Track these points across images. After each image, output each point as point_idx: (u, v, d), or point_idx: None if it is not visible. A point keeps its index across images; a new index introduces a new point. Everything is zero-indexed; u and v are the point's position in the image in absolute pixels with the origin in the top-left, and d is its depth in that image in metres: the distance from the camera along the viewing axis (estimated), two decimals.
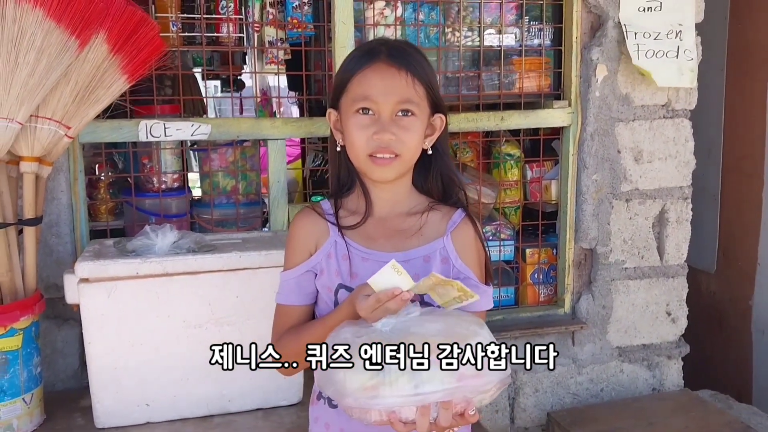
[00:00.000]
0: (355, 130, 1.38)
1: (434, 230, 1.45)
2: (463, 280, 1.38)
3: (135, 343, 1.85)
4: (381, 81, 1.37)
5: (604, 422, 2.43)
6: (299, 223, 1.49)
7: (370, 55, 1.40)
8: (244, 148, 2.62)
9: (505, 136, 2.76)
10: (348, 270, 1.41)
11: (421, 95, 1.39)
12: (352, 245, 1.43)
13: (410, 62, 1.39)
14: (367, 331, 1.20)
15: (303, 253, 1.46)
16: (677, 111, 2.65)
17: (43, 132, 1.88)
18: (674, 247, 2.70)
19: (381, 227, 1.45)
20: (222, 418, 1.93)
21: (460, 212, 1.48)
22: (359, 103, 1.38)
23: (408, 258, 1.40)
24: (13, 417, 1.84)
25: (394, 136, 1.36)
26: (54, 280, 2.17)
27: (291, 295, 1.47)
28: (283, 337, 1.45)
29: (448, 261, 1.43)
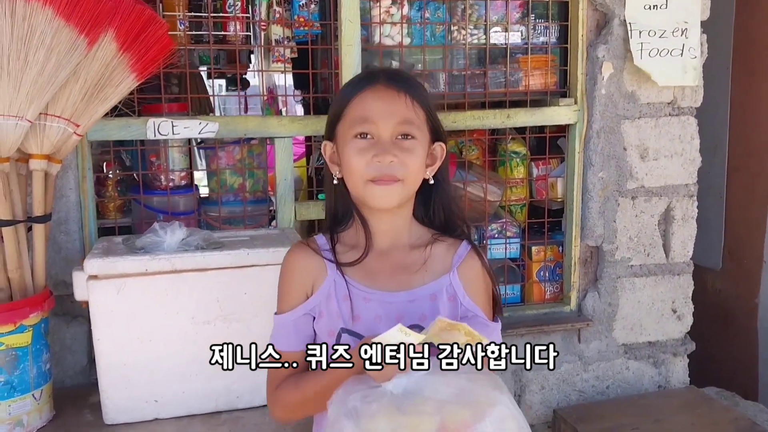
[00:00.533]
0: (353, 155, 1.31)
1: (440, 265, 1.38)
2: (471, 318, 1.34)
3: (144, 340, 1.86)
4: (380, 102, 1.32)
5: (610, 419, 2.44)
6: (293, 260, 1.41)
7: (368, 80, 1.36)
8: (251, 146, 2.63)
9: (511, 133, 2.76)
10: (349, 312, 1.33)
11: (421, 119, 1.34)
12: (352, 284, 1.35)
13: (410, 85, 1.36)
14: (377, 395, 1.12)
15: (299, 294, 1.38)
16: (683, 108, 2.65)
17: (53, 130, 1.89)
18: (680, 245, 2.71)
19: (383, 262, 1.38)
20: (229, 414, 1.94)
21: (466, 245, 1.41)
22: (357, 126, 1.32)
23: (414, 297, 1.34)
24: (22, 413, 1.85)
25: (396, 158, 1.29)
26: (63, 277, 2.19)
27: (287, 340, 1.38)
28: (282, 386, 1.37)
29: (455, 299, 1.36)
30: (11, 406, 1.83)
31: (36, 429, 1.88)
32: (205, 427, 1.88)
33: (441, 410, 1.07)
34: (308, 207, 2.46)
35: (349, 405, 1.11)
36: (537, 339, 2.62)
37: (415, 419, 1.06)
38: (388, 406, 1.08)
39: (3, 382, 1.81)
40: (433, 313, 1.32)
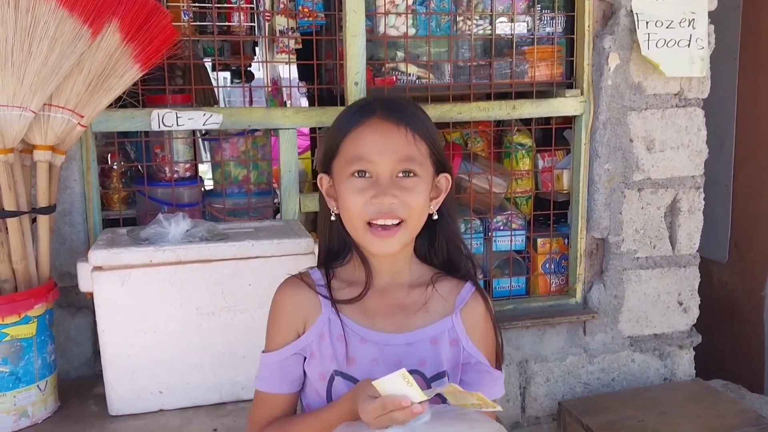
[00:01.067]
0: (349, 194, 1.22)
1: (441, 306, 1.29)
2: (474, 365, 1.28)
3: (148, 331, 1.86)
4: (378, 139, 1.21)
5: (615, 411, 2.43)
6: (284, 295, 1.32)
7: (363, 112, 1.25)
8: (256, 138, 2.62)
9: (517, 125, 2.75)
10: (344, 354, 1.24)
11: (423, 153, 1.24)
12: (348, 324, 1.25)
13: (409, 117, 1.24)
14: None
15: (289, 333, 1.28)
16: (690, 100, 2.63)
17: (57, 120, 1.89)
18: (686, 237, 2.69)
19: (380, 301, 1.29)
20: (235, 405, 1.94)
21: (470, 286, 1.32)
22: (354, 165, 1.21)
23: (413, 340, 1.26)
24: (27, 404, 1.85)
25: (396, 199, 1.20)
26: (67, 268, 2.19)
27: (274, 382, 1.29)
28: (266, 430, 1.29)
29: (457, 343, 1.27)
30: (16, 397, 1.83)
31: (41, 420, 1.88)
32: (210, 418, 1.88)
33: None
34: (313, 199, 2.46)
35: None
36: (542, 331, 2.62)
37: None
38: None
39: (8, 373, 1.81)
40: (434, 357, 1.25)
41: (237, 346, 1.92)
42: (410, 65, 2.50)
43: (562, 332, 2.65)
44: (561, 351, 2.65)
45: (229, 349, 1.92)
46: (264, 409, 1.31)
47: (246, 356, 1.94)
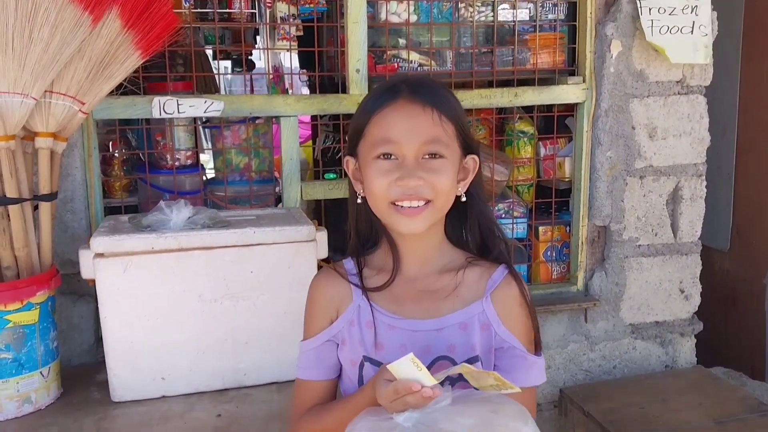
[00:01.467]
0: (375, 176, 1.21)
1: (472, 291, 1.26)
2: (507, 350, 1.25)
3: (151, 318, 1.87)
4: (403, 120, 1.20)
5: (616, 398, 2.44)
6: (318, 285, 1.33)
7: (390, 94, 1.23)
8: (257, 126, 2.62)
9: (519, 113, 2.75)
10: (372, 340, 1.25)
11: (450, 135, 1.22)
12: (377, 310, 1.26)
13: (436, 98, 1.22)
14: (388, 426, 1.04)
15: (323, 320, 1.30)
16: (692, 87, 2.63)
17: (58, 107, 1.89)
18: (688, 225, 2.69)
19: (410, 288, 1.28)
20: (237, 391, 1.95)
21: (502, 269, 1.28)
22: (379, 147, 1.20)
23: (442, 325, 1.24)
24: (30, 390, 1.86)
25: (422, 181, 1.19)
26: (69, 256, 2.19)
27: (311, 369, 1.31)
28: (304, 418, 1.30)
29: (489, 327, 1.24)
30: (19, 383, 1.84)
31: (44, 406, 1.89)
32: (213, 404, 1.88)
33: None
34: (314, 187, 2.46)
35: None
36: (543, 319, 2.62)
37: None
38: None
39: (11, 360, 1.82)
40: (465, 343, 1.23)
41: (239, 332, 1.93)
42: (412, 52, 2.49)
43: (563, 320, 2.65)
44: (562, 338, 2.66)
45: (231, 336, 1.92)
46: (304, 396, 1.33)
47: (248, 343, 1.94)
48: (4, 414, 1.82)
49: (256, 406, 1.87)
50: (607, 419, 2.28)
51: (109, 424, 1.80)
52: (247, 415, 1.83)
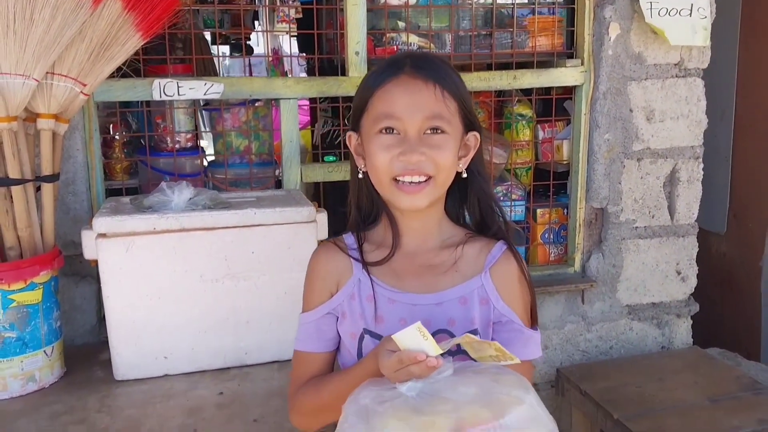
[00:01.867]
0: (378, 151, 1.21)
1: (471, 266, 1.28)
2: (505, 323, 1.26)
3: (153, 297, 1.89)
4: (406, 95, 1.21)
5: (613, 378, 2.47)
6: (319, 258, 1.34)
7: (393, 69, 1.24)
8: (257, 108, 2.63)
9: (517, 96, 2.76)
10: (373, 313, 1.26)
11: (452, 110, 1.23)
12: (378, 284, 1.27)
13: (439, 74, 1.23)
14: (391, 395, 1.05)
15: (323, 293, 1.31)
16: (690, 70, 2.64)
17: (59, 89, 1.90)
18: (685, 207, 2.71)
19: (410, 263, 1.29)
20: (239, 370, 1.97)
21: (501, 245, 1.30)
22: (382, 122, 1.21)
23: (442, 300, 1.26)
24: (35, 369, 1.88)
25: (424, 156, 1.19)
26: (71, 237, 2.21)
27: (310, 342, 1.32)
28: (302, 390, 1.31)
29: (488, 302, 1.26)
30: (23, 362, 1.86)
31: (48, 385, 1.91)
32: (215, 382, 1.91)
33: (458, 410, 0.99)
34: (314, 169, 2.47)
35: (360, 403, 1.06)
36: (541, 300, 2.64)
37: (428, 419, 0.99)
38: (401, 407, 1.02)
39: (15, 339, 1.84)
40: (464, 317, 1.25)
41: (241, 312, 1.95)
42: (411, 35, 2.50)
43: (560, 301, 2.67)
44: (559, 319, 2.68)
45: (233, 315, 1.95)
46: (302, 367, 1.34)
47: (250, 322, 1.97)
48: (8, 392, 1.84)
49: (257, 384, 1.90)
50: (604, 398, 2.31)
51: (113, 401, 1.83)
52: (249, 392, 1.85)
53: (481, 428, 0.97)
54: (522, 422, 0.99)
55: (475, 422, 0.97)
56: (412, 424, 0.99)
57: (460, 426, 0.97)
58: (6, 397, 1.84)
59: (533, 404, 1.02)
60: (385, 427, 0.99)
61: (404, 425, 0.99)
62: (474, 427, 0.97)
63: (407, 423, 0.99)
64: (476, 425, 0.97)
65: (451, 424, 0.98)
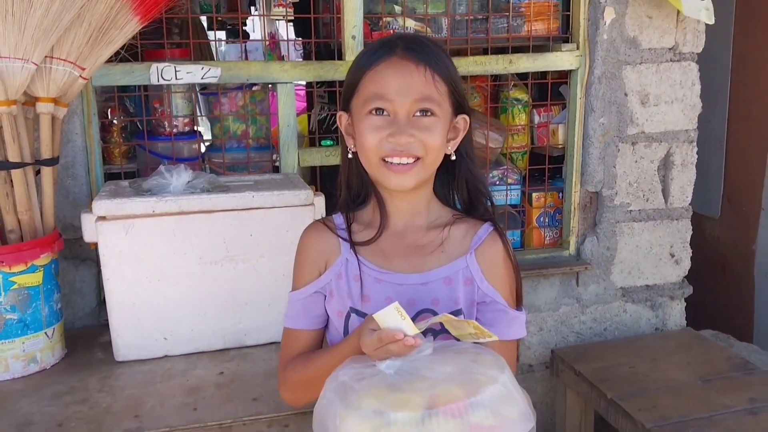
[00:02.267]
0: (367, 132, 1.23)
1: (457, 247, 1.30)
2: (489, 304, 1.29)
3: (153, 279, 1.91)
4: (397, 77, 1.22)
5: (607, 359, 2.50)
6: (307, 238, 1.37)
7: (385, 50, 1.25)
8: (254, 93, 2.64)
9: (513, 80, 2.77)
10: (359, 292, 1.29)
11: (442, 93, 1.24)
12: (365, 264, 1.30)
13: (430, 57, 1.24)
14: (370, 373, 1.07)
15: (311, 273, 1.34)
16: (684, 54, 2.65)
17: (58, 73, 1.91)
18: (679, 190, 2.74)
19: (397, 243, 1.31)
20: (238, 351, 2.00)
21: (487, 226, 1.32)
22: (372, 102, 1.23)
23: (427, 280, 1.28)
24: (36, 350, 1.91)
25: (413, 138, 1.21)
26: (71, 221, 2.22)
27: (298, 319, 1.35)
28: (290, 366, 1.34)
29: (472, 282, 1.28)
30: (25, 343, 1.88)
31: (49, 366, 1.94)
32: (214, 363, 1.93)
33: (433, 388, 1.02)
34: (311, 153, 2.49)
35: (338, 380, 1.08)
36: (536, 282, 2.67)
37: (403, 396, 1.01)
38: (377, 384, 1.04)
39: (16, 320, 1.86)
40: (448, 297, 1.27)
41: (239, 294, 1.97)
42: (407, 19, 2.51)
43: (555, 283, 2.70)
44: (554, 301, 2.71)
45: (232, 297, 1.97)
46: (290, 344, 1.37)
47: (248, 304, 1.99)
48: (10, 373, 1.87)
49: (256, 364, 1.92)
50: (598, 378, 2.34)
51: (114, 381, 1.85)
52: (248, 372, 1.88)
53: (453, 406, 1.00)
54: (494, 401, 1.02)
55: (448, 400, 1.00)
56: (387, 401, 1.01)
57: (433, 403, 1.00)
58: (8, 377, 1.86)
59: (506, 383, 1.05)
60: (361, 403, 1.02)
61: (379, 402, 1.01)
62: (447, 404, 0.99)
63: (382, 400, 1.02)
64: (449, 403, 1.00)
65: (425, 402, 1.00)
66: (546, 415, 2.80)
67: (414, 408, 0.99)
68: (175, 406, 1.72)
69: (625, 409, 2.16)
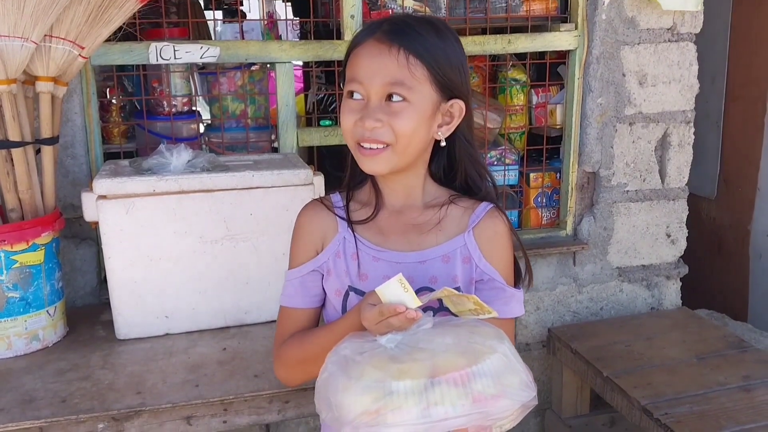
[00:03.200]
0: (343, 114, 1.24)
1: (455, 225, 1.29)
2: (487, 281, 1.29)
3: (154, 258, 1.92)
4: (368, 60, 1.20)
5: (603, 337, 2.53)
6: (305, 216, 1.36)
7: (367, 32, 1.24)
8: (252, 72, 2.64)
9: (512, 60, 2.77)
10: (357, 271, 1.28)
11: (419, 77, 1.19)
12: (362, 242, 1.29)
13: (410, 38, 1.19)
14: (371, 347, 1.08)
15: (308, 251, 1.33)
16: (682, 35, 2.66)
17: (58, 52, 1.91)
18: (675, 170, 2.75)
19: (395, 222, 1.31)
20: (238, 329, 2.02)
21: (486, 205, 1.31)
22: (349, 85, 1.23)
23: (425, 258, 1.28)
24: (38, 328, 1.92)
25: (380, 123, 1.19)
26: (71, 200, 2.23)
27: (295, 297, 1.35)
28: (286, 343, 1.34)
29: (470, 260, 1.28)
30: (27, 321, 1.90)
31: (51, 344, 1.95)
32: (215, 341, 1.95)
33: (434, 358, 1.02)
34: (310, 133, 2.50)
35: (340, 354, 1.08)
36: (533, 262, 2.69)
37: (404, 366, 1.02)
38: (379, 356, 1.04)
39: (19, 298, 1.88)
40: (446, 275, 1.27)
41: (240, 273, 1.99)
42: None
43: (552, 263, 2.72)
44: (551, 281, 2.74)
45: (232, 276, 1.99)
46: (287, 322, 1.36)
47: (249, 283, 2.01)
48: (13, 350, 1.88)
49: (257, 342, 1.94)
50: (594, 356, 2.37)
51: (116, 359, 1.87)
52: (249, 350, 1.90)
53: (456, 374, 1.00)
54: (495, 370, 1.02)
55: (450, 369, 1.00)
56: (388, 372, 1.01)
57: (434, 373, 1.00)
58: (11, 355, 1.88)
59: (507, 353, 1.05)
60: (362, 374, 1.02)
61: (380, 372, 1.02)
62: (448, 373, 1.00)
63: (383, 370, 1.02)
64: (451, 371, 1.00)
65: (426, 371, 1.01)
66: (542, 393, 2.83)
67: (415, 377, 1.00)
68: (177, 382, 1.74)
69: (620, 386, 2.19)
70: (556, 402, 2.69)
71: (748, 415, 2.01)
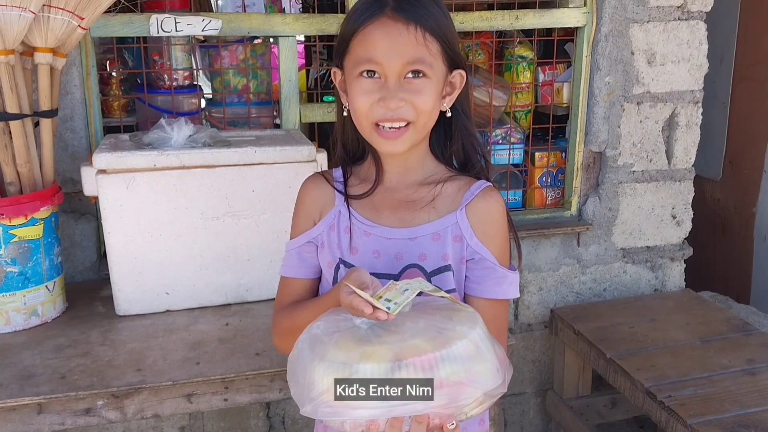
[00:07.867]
0: (358, 95, 1.21)
1: (449, 203, 1.28)
2: (479, 261, 1.27)
3: (154, 234, 1.90)
4: (386, 40, 1.18)
5: (606, 318, 2.51)
6: (305, 188, 1.38)
7: (374, 7, 1.20)
8: (255, 46, 2.60)
9: (519, 37, 2.73)
10: (348, 244, 1.29)
11: (435, 53, 1.20)
12: (355, 217, 1.30)
13: (421, 14, 1.19)
14: (345, 326, 1.07)
15: (306, 222, 1.35)
16: (692, 13, 2.61)
17: (57, 22, 1.87)
18: (682, 151, 2.72)
19: (389, 198, 1.31)
20: (239, 306, 2.00)
21: (480, 183, 1.30)
22: (362, 65, 1.20)
23: (415, 235, 1.27)
24: (37, 303, 1.90)
25: (404, 102, 1.19)
26: (70, 174, 2.20)
27: (293, 268, 1.37)
28: (281, 312, 1.37)
29: (461, 239, 1.27)
30: (26, 296, 1.88)
31: (50, 319, 1.94)
32: (216, 317, 1.94)
33: (402, 342, 1.01)
34: (313, 109, 2.46)
35: (312, 332, 1.08)
36: (537, 242, 2.67)
37: (370, 348, 1.01)
38: (347, 337, 1.04)
39: (17, 273, 1.85)
40: (436, 253, 1.26)
41: (241, 249, 1.97)
42: None
43: (556, 243, 2.70)
44: (554, 261, 2.71)
45: (233, 253, 1.96)
46: (284, 292, 1.38)
47: (250, 260, 1.98)
48: (11, 326, 1.87)
49: (258, 319, 1.92)
50: (597, 337, 2.35)
51: (116, 335, 1.85)
52: (250, 327, 1.88)
53: (419, 359, 0.99)
54: (463, 356, 1.01)
55: (414, 353, 0.99)
56: (353, 354, 1.01)
57: (399, 356, 0.99)
58: (9, 330, 1.86)
59: (475, 340, 1.03)
60: (326, 355, 1.02)
61: (344, 353, 1.01)
62: (413, 357, 0.99)
63: (348, 352, 1.02)
64: (415, 356, 0.99)
65: (391, 355, 1.00)
66: (544, 374, 2.82)
67: (379, 361, 0.99)
68: (178, 360, 1.72)
69: (623, 368, 2.17)
70: (557, 383, 2.68)
71: (753, 398, 1.99)
